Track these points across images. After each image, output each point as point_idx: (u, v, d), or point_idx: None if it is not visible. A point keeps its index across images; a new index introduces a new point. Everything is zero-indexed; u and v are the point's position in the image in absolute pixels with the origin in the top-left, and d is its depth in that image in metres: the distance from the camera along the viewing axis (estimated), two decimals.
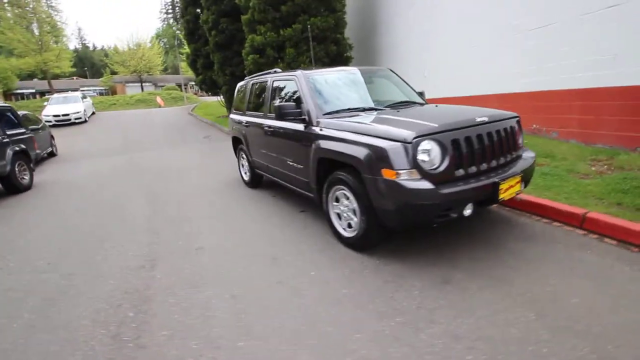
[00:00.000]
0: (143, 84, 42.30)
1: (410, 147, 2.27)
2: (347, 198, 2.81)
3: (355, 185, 2.63)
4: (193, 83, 35.84)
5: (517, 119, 2.89)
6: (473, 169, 2.44)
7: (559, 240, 2.74)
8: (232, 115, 5.43)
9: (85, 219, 4.30)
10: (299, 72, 3.55)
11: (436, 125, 2.38)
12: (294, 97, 3.84)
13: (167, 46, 56.10)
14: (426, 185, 2.26)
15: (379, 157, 2.37)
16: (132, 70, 39.59)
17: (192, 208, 4.39)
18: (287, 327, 2.04)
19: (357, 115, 3.08)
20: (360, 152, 2.48)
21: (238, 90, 5.32)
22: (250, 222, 3.79)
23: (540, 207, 3.17)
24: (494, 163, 2.55)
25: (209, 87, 17.74)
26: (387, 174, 2.34)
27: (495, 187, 2.40)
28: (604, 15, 4.38)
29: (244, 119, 4.79)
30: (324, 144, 2.90)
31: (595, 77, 4.61)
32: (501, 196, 2.44)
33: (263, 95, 4.26)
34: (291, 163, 3.57)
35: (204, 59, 16.79)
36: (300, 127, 3.35)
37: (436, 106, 3.31)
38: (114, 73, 42.33)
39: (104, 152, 9.92)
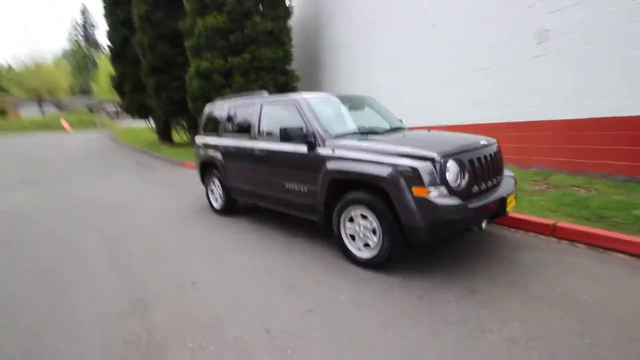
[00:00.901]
0: (44, 106, 36.72)
1: (439, 166, 2.45)
2: (365, 218, 2.83)
3: (377, 205, 2.68)
4: (112, 106, 32.42)
5: (498, 143, 3.35)
6: (483, 186, 2.71)
7: (542, 247, 3.16)
8: (200, 139, 5.08)
9: (32, 259, 3.44)
10: (299, 97, 3.56)
11: (455, 147, 2.62)
12: (291, 121, 3.84)
13: (76, 66, 50.42)
14: (455, 201, 2.43)
15: (410, 176, 2.47)
16: (32, 91, 34.30)
17: (161, 242, 3.86)
18: (346, 358, 1.91)
19: (364, 138, 3.19)
20: (388, 172, 2.56)
21: (209, 112, 5.04)
22: (241, 252, 3.48)
23: (516, 220, 3.63)
24: (494, 181, 2.87)
25: (138, 111, 16.32)
26: (417, 191, 2.45)
27: (503, 201, 2.70)
28: (533, 62, 5.44)
29: (220, 142, 4.53)
30: (339, 165, 2.91)
31: (526, 112, 5.62)
32: (507, 210, 2.75)
33: (248, 118, 4.12)
34: (290, 186, 3.47)
35: (132, 82, 15.52)
36: (302, 149, 3.31)
37: (429, 131, 3.61)
38: (3, 90, 36.01)
39: (17, 182, 8.19)
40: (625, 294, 2.36)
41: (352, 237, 2.99)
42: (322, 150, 3.12)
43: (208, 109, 5.11)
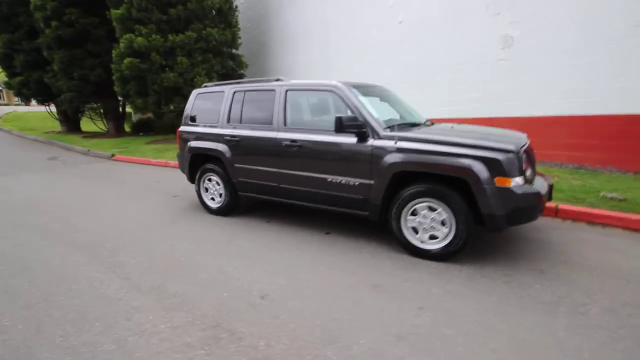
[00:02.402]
0: None
1: (518, 157, 2.59)
2: (432, 210, 2.84)
3: (451, 196, 2.71)
4: None
5: None
6: (534, 176, 2.98)
7: (556, 227, 3.64)
8: (189, 129, 4.38)
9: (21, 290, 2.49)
10: (338, 83, 3.32)
11: (520, 139, 2.82)
12: (326, 110, 3.58)
13: None
14: (533, 189, 2.62)
15: (494, 167, 2.56)
16: None
17: (180, 253, 3.26)
18: (485, 351, 1.90)
19: (410, 129, 3.17)
20: (471, 163, 2.60)
21: (200, 99, 4.37)
22: (288, 254, 3.17)
23: None
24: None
25: (36, 92, 13.19)
26: (500, 182, 2.55)
27: (551, 188, 3.01)
28: (495, 64, 6.12)
29: (225, 132, 3.98)
30: (407, 157, 2.84)
31: (487, 109, 6.34)
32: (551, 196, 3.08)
33: (268, 106, 3.69)
34: (335, 180, 3.25)
35: (27, 55, 12.43)
36: (349, 140, 3.14)
37: (452, 126, 3.73)
38: None
39: None
40: None
41: (414, 230, 2.97)
42: (378, 142, 3.00)
43: (197, 95, 4.42)
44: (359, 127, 3.03)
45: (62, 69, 11.20)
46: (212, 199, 4.36)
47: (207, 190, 4.40)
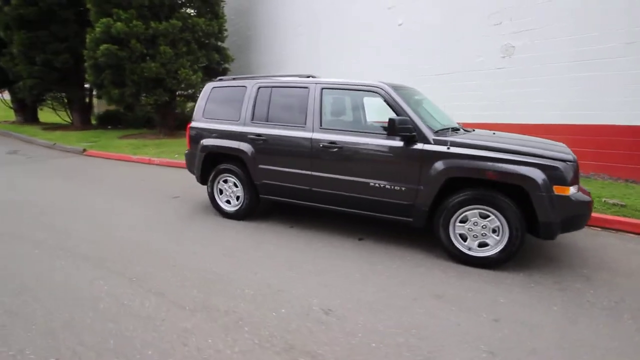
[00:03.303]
0: None
1: (574, 166, 2.62)
2: (484, 217, 2.81)
3: (506, 203, 2.69)
4: None
5: None
6: None
7: (576, 232, 3.79)
8: (202, 125, 4.03)
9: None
10: (383, 84, 3.18)
11: (568, 149, 2.86)
12: (367, 111, 3.44)
13: None
14: (586, 198, 2.66)
15: (553, 176, 2.56)
16: None
17: (195, 262, 2.96)
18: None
19: (456, 134, 3.13)
20: (531, 171, 2.59)
21: (216, 93, 4.03)
22: (329, 263, 2.98)
23: None
24: None
25: None
26: (559, 190, 2.57)
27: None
28: (496, 72, 6.33)
29: (249, 130, 3.69)
30: (460, 162, 2.78)
31: (480, 116, 6.54)
32: None
33: (300, 104, 3.47)
34: (379, 184, 3.11)
35: None
36: (396, 143, 3.03)
37: (494, 133, 3.65)
38: None
39: None
40: None
41: (461, 237, 2.92)
42: (429, 147, 2.91)
43: (213, 89, 4.07)
44: (410, 130, 2.93)
45: (22, 52, 10.01)
46: (228, 201, 4.05)
47: (221, 192, 4.07)
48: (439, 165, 2.86)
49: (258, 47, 11.93)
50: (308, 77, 3.60)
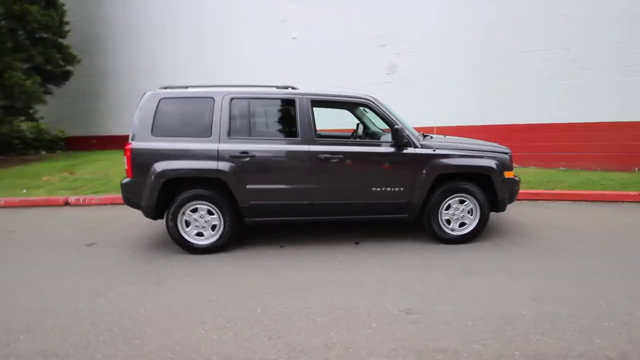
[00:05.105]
0: None
1: (511, 157, 3.63)
2: (462, 202, 3.51)
3: (475, 189, 3.47)
4: None
5: None
6: None
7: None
8: (160, 144, 3.25)
9: None
10: (371, 96, 3.46)
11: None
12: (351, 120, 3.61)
13: None
14: (518, 178, 3.72)
15: (505, 164, 3.48)
16: None
17: (233, 312, 2.50)
18: None
19: (432, 139, 3.71)
20: (493, 163, 3.43)
21: (169, 107, 3.31)
22: (347, 272, 3.02)
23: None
24: None
25: None
26: (507, 174, 3.51)
27: None
28: (383, 86, 7.57)
29: (231, 147, 3.24)
30: (448, 161, 3.39)
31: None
32: None
33: (287, 117, 3.32)
34: (380, 188, 3.37)
35: None
36: (389, 149, 3.39)
37: (445, 136, 4.34)
38: None
39: None
40: None
41: (448, 222, 3.55)
42: (420, 150, 3.40)
43: (162, 100, 3.32)
44: (407, 137, 3.33)
45: None
46: (200, 234, 3.40)
47: (187, 224, 3.38)
48: (429, 165, 3.39)
49: (107, 48, 9.93)
50: (287, 87, 3.48)
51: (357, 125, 4.48)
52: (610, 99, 6.48)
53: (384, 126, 3.79)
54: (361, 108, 4.22)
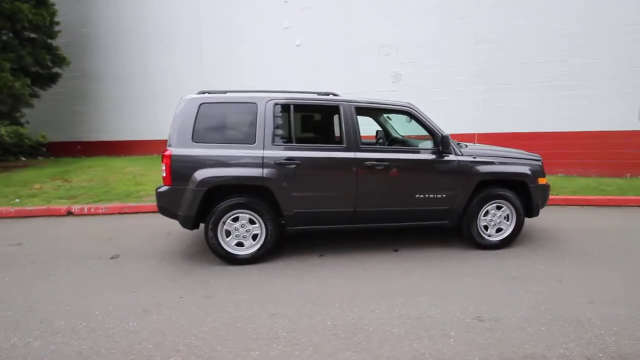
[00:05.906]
0: None
1: (542, 163, 3.75)
2: (499, 208, 3.58)
3: (512, 195, 3.55)
4: None
5: None
6: None
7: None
8: (202, 151, 3.11)
9: None
10: (411, 104, 3.48)
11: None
12: (396, 129, 3.62)
13: None
14: (548, 184, 3.85)
15: (538, 171, 3.59)
16: None
17: (308, 327, 2.40)
18: None
19: (471, 147, 3.79)
20: (527, 169, 3.53)
21: (210, 111, 3.18)
22: (404, 280, 2.99)
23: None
24: None
25: None
26: (541, 180, 3.63)
27: None
28: (390, 94, 7.68)
29: (276, 153, 3.15)
30: (488, 168, 3.45)
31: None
32: None
33: (330, 124, 3.28)
34: (423, 195, 3.37)
35: None
36: (432, 157, 3.42)
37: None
38: None
39: None
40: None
41: (485, 228, 3.61)
42: (461, 158, 3.45)
43: (202, 105, 3.19)
44: (449, 144, 3.37)
45: None
46: (240, 244, 3.26)
47: (227, 234, 3.24)
48: (470, 172, 3.44)
49: (98, 50, 9.51)
50: (328, 94, 3.44)
51: (377, 132, 4.52)
52: (604, 109, 6.90)
53: (405, 133, 3.87)
54: (384, 115, 4.27)
